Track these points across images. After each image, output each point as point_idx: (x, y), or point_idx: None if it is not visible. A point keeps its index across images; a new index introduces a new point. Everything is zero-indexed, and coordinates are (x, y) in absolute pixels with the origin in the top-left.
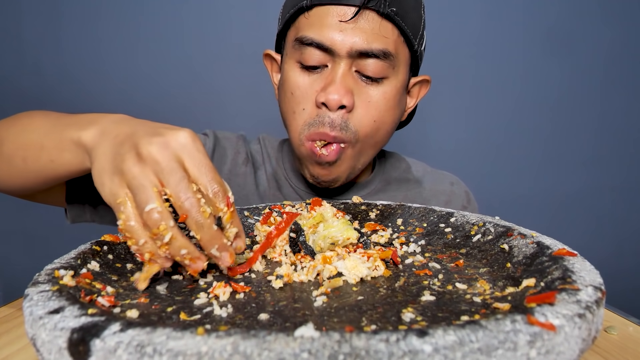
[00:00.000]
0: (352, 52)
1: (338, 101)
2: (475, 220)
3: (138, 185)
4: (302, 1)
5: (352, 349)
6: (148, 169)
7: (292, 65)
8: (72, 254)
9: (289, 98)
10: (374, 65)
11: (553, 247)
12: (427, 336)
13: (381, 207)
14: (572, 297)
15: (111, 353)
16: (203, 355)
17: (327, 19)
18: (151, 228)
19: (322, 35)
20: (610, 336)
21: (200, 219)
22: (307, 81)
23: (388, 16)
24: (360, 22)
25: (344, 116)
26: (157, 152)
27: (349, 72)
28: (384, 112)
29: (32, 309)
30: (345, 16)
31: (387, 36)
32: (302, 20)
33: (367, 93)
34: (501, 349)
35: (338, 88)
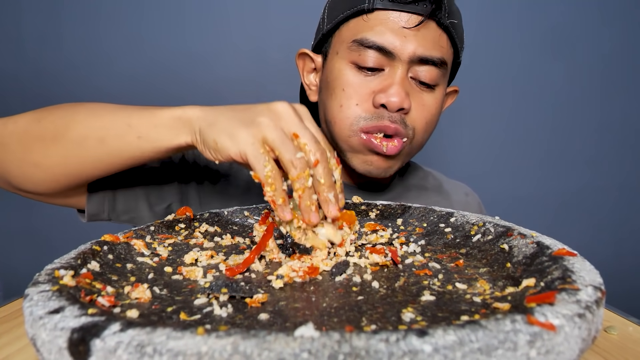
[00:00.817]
0: (414, 58)
1: (399, 104)
2: (475, 220)
3: (282, 137)
4: (363, 4)
5: (352, 349)
6: (283, 124)
7: (345, 64)
8: (72, 254)
9: (337, 94)
10: (429, 72)
11: (553, 247)
12: (427, 336)
13: (381, 207)
14: (572, 297)
15: (111, 353)
16: (203, 355)
17: (389, 23)
18: (298, 172)
19: (384, 39)
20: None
21: (327, 167)
22: (361, 80)
23: (446, 28)
24: (422, 30)
25: (402, 116)
26: (289, 111)
27: (406, 76)
28: (433, 117)
29: (32, 309)
30: (408, 23)
31: (443, 46)
32: (360, 23)
33: (422, 98)
34: (501, 348)
35: (399, 91)
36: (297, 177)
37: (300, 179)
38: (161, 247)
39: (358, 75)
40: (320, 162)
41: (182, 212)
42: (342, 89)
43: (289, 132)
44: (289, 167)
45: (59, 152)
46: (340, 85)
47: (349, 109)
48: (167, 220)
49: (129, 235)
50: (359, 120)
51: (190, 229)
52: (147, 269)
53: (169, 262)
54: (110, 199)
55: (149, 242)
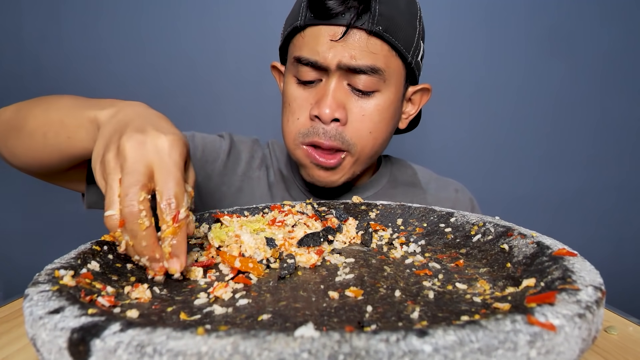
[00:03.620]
0: (342, 66)
1: (330, 115)
2: (475, 220)
3: (109, 180)
4: (297, 22)
5: (352, 349)
6: (117, 167)
7: (290, 79)
8: (72, 254)
9: (286, 108)
10: (364, 80)
11: (553, 247)
12: (427, 336)
13: (381, 207)
14: (572, 297)
15: (111, 353)
16: (203, 355)
17: (319, 38)
18: (109, 230)
19: (314, 53)
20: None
21: (135, 228)
22: (303, 94)
23: (376, 34)
24: (349, 40)
25: (339, 128)
26: (129, 149)
27: (340, 86)
28: (379, 124)
29: (32, 309)
30: (335, 35)
31: (376, 52)
32: (298, 39)
33: (360, 106)
34: (501, 349)
35: (330, 102)
36: (111, 237)
37: (116, 238)
38: None
39: (299, 90)
40: (126, 223)
41: None
42: (289, 104)
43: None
44: None
45: (21, 143)
46: (288, 100)
47: (293, 124)
48: None
49: None
50: (298, 136)
51: None
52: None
53: None
54: None
55: None
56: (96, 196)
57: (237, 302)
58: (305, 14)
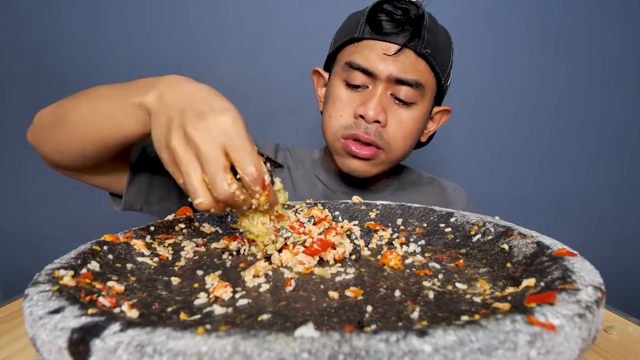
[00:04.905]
0: (391, 78)
1: (374, 116)
2: (475, 220)
3: (185, 169)
4: (355, 34)
5: (352, 349)
6: (191, 153)
7: (339, 82)
8: (72, 254)
9: (330, 106)
10: (406, 92)
11: (553, 247)
12: (427, 336)
13: (381, 207)
14: (572, 297)
15: (111, 353)
16: (203, 355)
17: (373, 50)
18: (204, 211)
19: (368, 61)
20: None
21: (235, 204)
22: (349, 95)
23: (423, 55)
24: (400, 57)
25: (379, 128)
26: (199, 138)
27: (385, 93)
28: (411, 131)
29: (32, 309)
30: (388, 50)
31: (420, 70)
32: (351, 48)
33: (399, 114)
34: (501, 349)
35: (375, 105)
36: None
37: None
38: (161, 247)
39: (347, 92)
40: (226, 205)
41: (182, 212)
42: (334, 102)
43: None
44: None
45: (65, 136)
46: (333, 99)
47: (336, 120)
48: (167, 220)
49: (129, 235)
50: (340, 129)
51: (190, 229)
52: (147, 269)
53: (169, 262)
54: (145, 190)
55: (149, 242)
56: (135, 195)
57: (237, 302)
58: (364, 28)
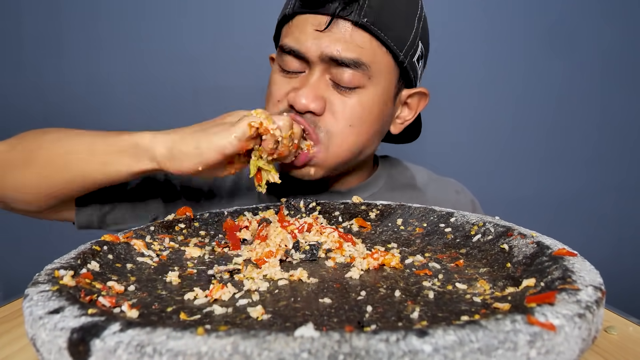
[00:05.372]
0: (324, 58)
1: (305, 105)
2: (475, 220)
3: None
4: (286, 10)
5: (352, 349)
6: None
7: (276, 67)
8: (72, 254)
9: (268, 94)
10: (346, 74)
11: (553, 247)
12: (427, 336)
13: (381, 207)
14: (572, 297)
15: (111, 353)
16: (203, 355)
17: (305, 27)
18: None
19: (298, 43)
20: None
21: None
22: (283, 81)
23: (363, 26)
24: (334, 31)
25: (313, 117)
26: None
27: (322, 78)
28: (360, 119)
29: (32, 309)
30: (320, 25)
31: (362, 46)
32: (285, 28)
33: (341, 99)
34: (501, 349)
35: (307, 92)
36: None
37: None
38: (161, 247)
39: (282, 78)
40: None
41: (182, 212)
42: (271, 92)
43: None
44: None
45: (31, 177)
46: (270, 88)
47: (272, 109)
48: (167, 220)
49: (129, 235)
50: None
51: (190, 229)
52: (147, 269)
53: (169, 262)
54: (98, 215)
55: (149, 242)
56: (88, 216)
57: (237, 302)
58: (295, 2)
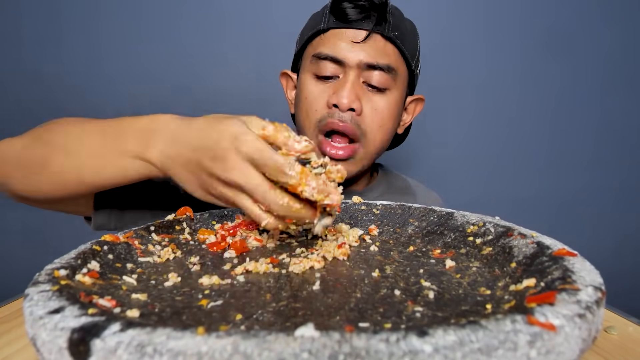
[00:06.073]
0: (361, 65)
1: (348, 104)
2: (475, 220)
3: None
4: (320, 25)
5: (352, 349)
6: (236, 190)
7: (308, 76)
8: (72, 254)
9: (303, 103)
10: (379, 77)
11: (553, 247)
12: (427, 336)
13: (381, 207)
14: (572, 297)
15: (111, 353)
16: (203, 355)
17: (341, 39)
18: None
19: (336, 51)
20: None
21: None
22: (320, 88)
23: (391, 39)
24: (368, 42)
25: (354, 116)
26: (234, 176)
27: (357, 81)
28: (387, 120)
29: (32, 309)
30: (356, 38)
31: (390, 54)
32: (318, 41)
33: (374, 101)
34: (501, 349)
35: (349, 93)
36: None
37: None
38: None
39: (317, 85)
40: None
41: (182, 212)
42: (306, 98)
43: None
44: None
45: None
46: (305, 95)
47: (313, 116)
48: (167, 220)
49: (129, 235)
50: (317, 125)
51: (191, 229)
52: (147, 269)
53: (170, 262)
54: (117, 214)
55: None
56: (105, 219)
57: (237, 302)
58: (328, 19)
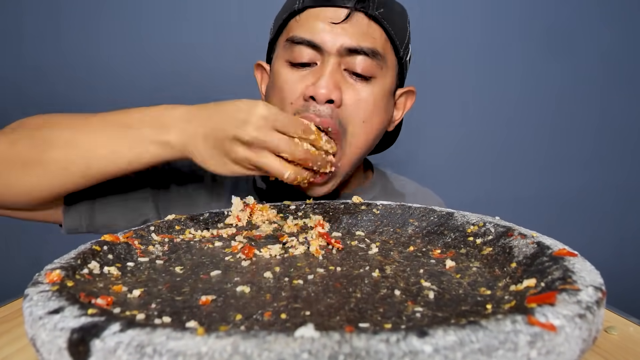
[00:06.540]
0: (342, 50)
1: (326, 95)
2: (476, 220)
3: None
4: (295, 5)
5: (352, 349)
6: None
7: (282, 64)
8: (72, 254)
9: (276, 93)
10: (363, 63)
11: (553, 247)
12: (427, 336)
13: (381, 207)
14: (573, 298)
15: (111, 353)
16: (203, 356)
17: (318, 19)
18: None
19: (313, 34)
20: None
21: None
22: (295, 77)
23: (376, 19)
24: (350, 22)
25: (334, 110)
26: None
27: (338, 69)
28: (373, 113)
29: (32, 309)
30: (335, 18)
31: (375, 37)
32: (292, 24)
33: (356, 90)
34: (501, 349)
35: (327, 82)
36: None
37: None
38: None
39: (292, 73)
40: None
41: None
42: (280, 88)
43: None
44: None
45: (36, 177)
46: (278, 84)
47: (286, 109)
48: (167, 220)
49: (129, 235)
50: None
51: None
52: (147, 269)
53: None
54: (87, 216)
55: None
56: (76, 222)
57: (237, 302)
58: None
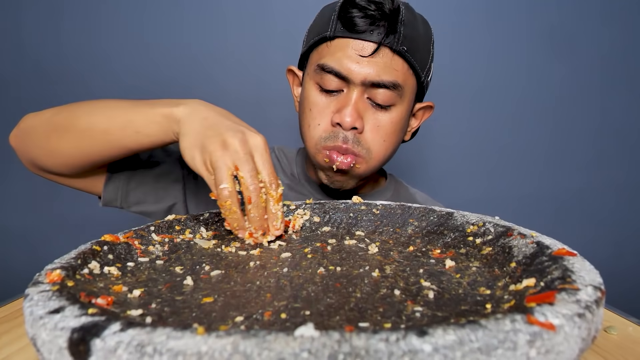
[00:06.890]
0: (366, 82)
1: (351, 123)
2: (475, 220)
3: (218, 166)
4: (326, 32)
5: (352, 348)
6: (227, 155)
7: (312, 85)
8: (72, 254)
9: (307, 114)
10: (383, 94)
11: (553, 247)
12: (427, 336)
13: (381, 207)
14: (572, 297)
15: (111, 353)
16: (203, 355)
17: (347, 50)
18: (220, 200)
19: (341, 65)
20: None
21: (257, 201)
22: (324, 101)
23: (399, 53)
24: (376, 57)
25: (356, 135)
26: (238, 145)
27: (361, 98)
28: (391, 134)
29: (32, 309)
30: (363, 50)
31: (397, 69)
32: (324, 48)
33: (377, 118)
34: (501, 348)
35: (351, 112)
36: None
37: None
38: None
39: (321, 97)
40: (252, 198)
41: None
42: (310, 109)
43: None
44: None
45: (70, 141)
46: (308, 106)
47: (314, 129)
48: (167, 220)
49: (129, 235)
50: (320, 140)
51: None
52: (147, 269)
53: (169, 262)
54: (124, 190)
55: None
56: (113, 194)
57: (237, 302)
58: (335, 26)
